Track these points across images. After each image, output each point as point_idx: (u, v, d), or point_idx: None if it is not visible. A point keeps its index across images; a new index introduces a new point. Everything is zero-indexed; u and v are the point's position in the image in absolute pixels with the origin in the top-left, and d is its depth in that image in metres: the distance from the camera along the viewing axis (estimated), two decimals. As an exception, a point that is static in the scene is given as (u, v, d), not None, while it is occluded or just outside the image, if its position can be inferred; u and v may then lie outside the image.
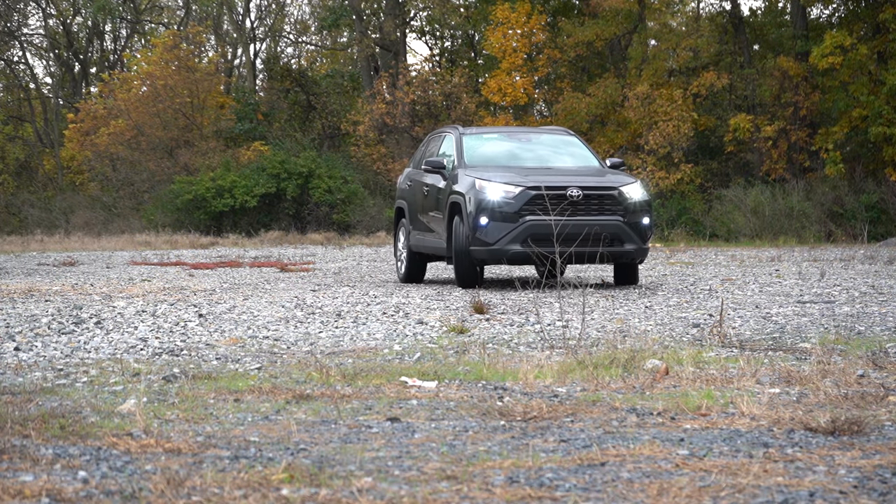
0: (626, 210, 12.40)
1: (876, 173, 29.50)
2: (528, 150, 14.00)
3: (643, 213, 12.61)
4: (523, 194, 12.30)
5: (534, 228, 12.23)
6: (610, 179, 12.65)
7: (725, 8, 34.82)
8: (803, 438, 4.33)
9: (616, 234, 12.33)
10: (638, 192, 12.65)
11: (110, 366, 6.30)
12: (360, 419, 4.73)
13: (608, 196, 12.44)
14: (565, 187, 12.37)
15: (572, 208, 12.24)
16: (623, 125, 32.08)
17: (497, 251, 12.32)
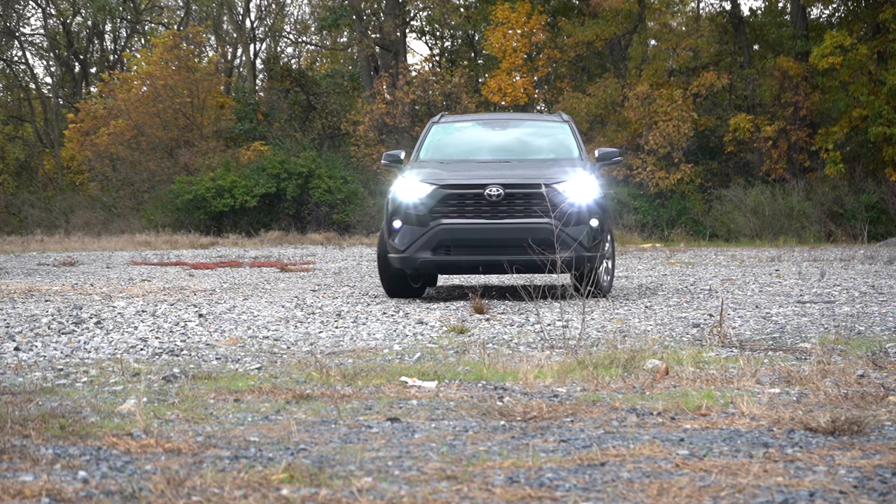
0: (560, 211, 10.63)
1: (876, 173, 29.51)
2: (500, 140, 12.57)
3: (589, 215, 10.84)
4: (436, 194, 10.79)
5: (445, 233, 10.73)
6: (550, 175, 10.95)
7: (725, 8, 34.82)
8: (803, 438, 4.33)
9: (546, 241, 10.50)
10: (582, 190, 10.87)
11: (110, 366, 6.30)
12: (360, 419, 4.72)
13: (535, 195, 10.70)
14: (484, 185, 10.76)
15: (492, 209, 10.73)
16: (623, 125, 32.08)
17: (407, 259, 10.82)
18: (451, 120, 12.89)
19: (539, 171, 11.14)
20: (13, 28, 46.30)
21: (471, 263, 10.81)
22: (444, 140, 12.38)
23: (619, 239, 25.87)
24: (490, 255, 10.72)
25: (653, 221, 29.55)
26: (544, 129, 12.74)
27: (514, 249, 10.66)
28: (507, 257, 10.67)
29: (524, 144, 12.40)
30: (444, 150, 12.20)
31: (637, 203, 29.93)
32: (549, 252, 10.34)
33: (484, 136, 12.64)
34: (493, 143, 12.40)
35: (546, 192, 10.62)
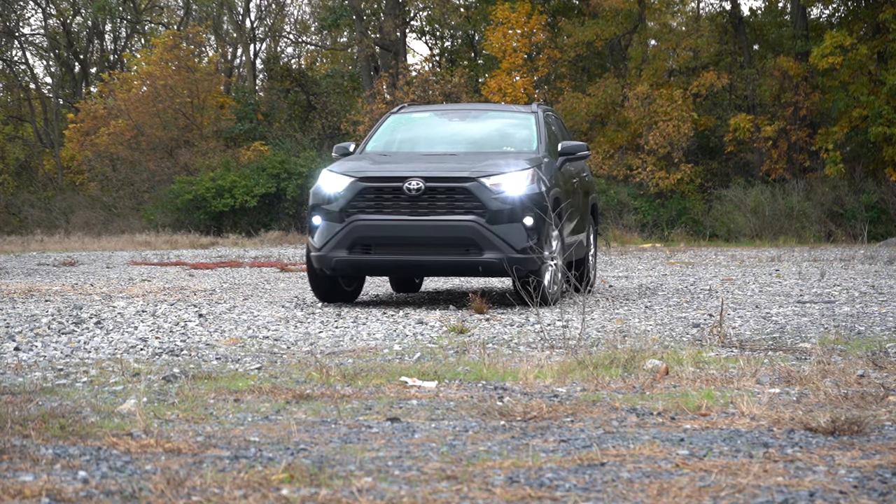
0: (486, 208, 9.81)
1: (876, 173, 29.51)
2: (455, 131, 11.63)
3: (522, 212, 9.90)
4: (353, 187, 10.04)
5: (361, 231, 9.98)
6: (482, 169, 10.04)
7: (725, 8, 34.82)
8: (803, 438, 4.33)
9: (470, 240, 9.82)
10: (518, 185, 9.98)
11: (110, 366, 6.30)
12: (360, 419, 4.73)
13: (460, 190, 9.87)
14: (404, 178, 9.94)
15: (412, 205, 9.93)
16: (623, 125, 32.07)
17: (323, 258, 10.10)
18: (410, 110, 12.09)
19: (472, 164, 10.24)
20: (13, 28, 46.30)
21: (391, 264, 10.16)
22: (397, 131, 11.60)
23: (618, 239, 25.86)
24: (411, 255, 10.01)
25: (653, 221, 29.55)
26: (508, 120, 11.82)
27: (436, 250, 9.98)
28: (430, 258, 10.00)
29: (481, 136, 11.50)
30: (394, 141, 11.44)
31: (637, 203, 29.93)
32: (474, 253, 9.83)
33: (440, 127, 11.81)
34: (447, 135, 11.56)
35: (472, 187, 9.86)
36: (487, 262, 9.82)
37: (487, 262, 9.82)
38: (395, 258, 10.04)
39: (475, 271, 9.97)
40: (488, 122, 11.85)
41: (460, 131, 11.63)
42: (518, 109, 12.00)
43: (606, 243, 23.98)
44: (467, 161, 10.36)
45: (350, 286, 10.88)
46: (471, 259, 9.85)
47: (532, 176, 10.12)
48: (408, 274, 10.72)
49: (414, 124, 11.78)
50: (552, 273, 10.34)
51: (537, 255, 9.89)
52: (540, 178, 10.22)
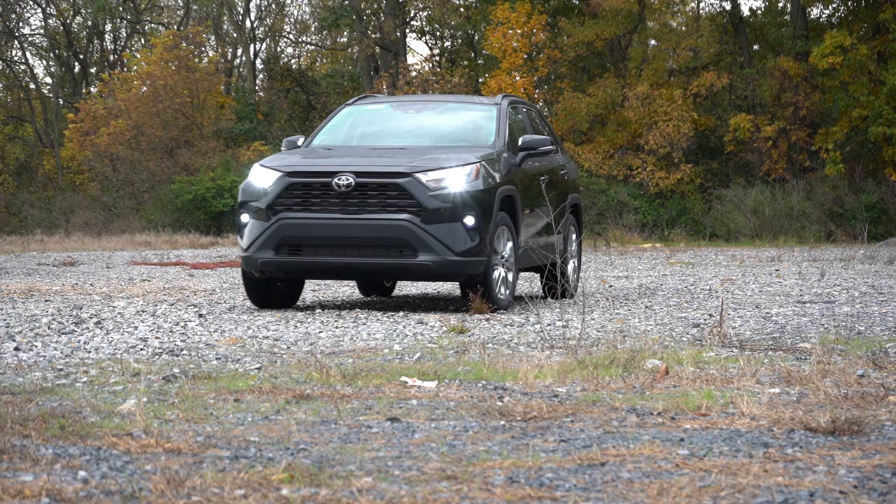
0: (422, 206, 9.16)
1: (876, 173, 29.51)
2: (410, 124, 10.92)
3: (463, 211, 9.23)
4: (281, 182, 9.44)
5: (288, 230, 9.38)
6: (421, 164, 9.37)
7: (725, 8, 34.83)
8: (803, 438, 4.33)
9: (403, 241, 9.20)
10: (456, 181, 9.30)
11: (110, 366, 6.30)
12: (360, 419, 4.73)
13: (392, 186, 9.24)
14: (333, 173, 9.34)
15: (342, 202, 9.29)
16: (623, 125, 32.08)
17: (249, 259, 9.52)
18: (366, 102, 11.27)
19: (411, 158, 9.53)
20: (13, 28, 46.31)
21: (320, 266, 9.50)
22: (347, 124, 10.88)
23: (618, 239, 25.86)
24: (340, 256, 9.35)
25: (653, 221, 29.54)
26: (468, 112, 11.05)
27: (368, 251, 9.32)
28: (361, 260, 9.34)
29: (437, 130, 10.73)
30: (342, 134, 10.73)
31: (637, 203, 29.92)
32: (408, 255, 9.21)
33: (395, 120, 11.04)
34: (400, 128, 10.79)
35: (405, 183, 9.21)
36: (421, 265, 9.19)
37: (421, 265, 9.19)
38: (323, 260, 9.39)
39: (409, 275, 9.55)
40: (447, 114, 11.16)
41: (416, 124, 10.91)
42: (481, 101, 11.15)
43: (606, 243, 23.98)
44: (408, 155, 9.65)
45: (288, 290, 10.17)
46: (404, 262, 9.24)
47: (476, 171, 9.42)
48: (338, 278, 10.02)
49: (368, 116, 11.01)
50: (502, 278, 9.74)
51: (480, 257, 9.29)
52: (488, 173, 9.52)
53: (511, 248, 9.88)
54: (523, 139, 10.50)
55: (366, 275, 9.87)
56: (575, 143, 32.17)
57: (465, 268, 9.30)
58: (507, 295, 9.85)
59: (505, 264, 9.80)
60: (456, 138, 10.53)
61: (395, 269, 9.49)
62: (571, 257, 11.70)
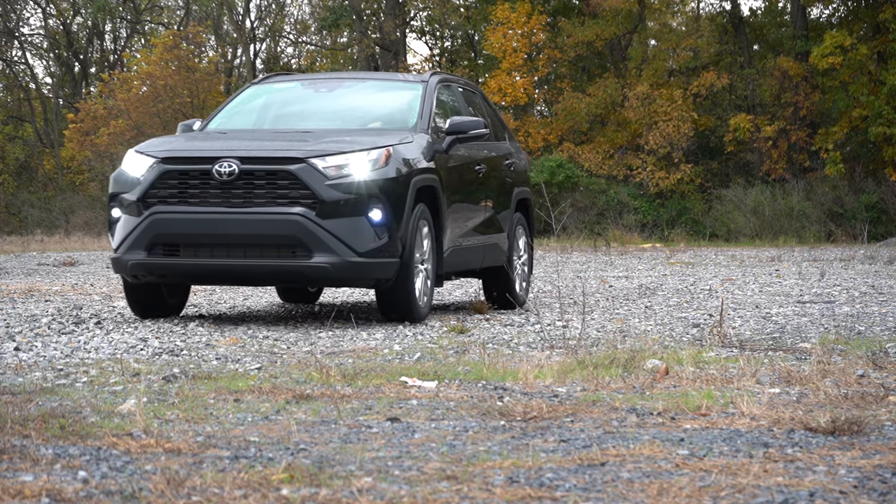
0: (318, 197, 7.88)
1: (876, 173, 29.52)
2: (321, 105, 9.66)
3: (368, 203, 8.00)
4: (155, 170, 8.15)
5: (161, 226, 8.10)
6: (320, 147, 8.11)
7: (725, 8, 34.83)
8: (803, 438, 4.33)
9: (296, 239, 7.92)
10: (360, 167, 8.03)
11: (110, 366, 6.30)
12: (360, 419, 4.73)
13: (283, 174, 7.96)
14: (214, 160, 8.03)
15: (225, 193, 8.01)
16: (623, 125, 32.09)
17: (119, 261, 8.26)
18: (274, 80, 9.99)
19: (309, 141, 8.27)
20: (13, 28, 46.32)
21: (199, 270, 8.25)
22: (251, 105, 9.62)
23: (619, 239, 25.84)
24: (223, 258, 8.08)
25: (653, 221, 29.55)
26: (389, 92, 9.82)
27: (255, 252, 8.06)
28: (246, 262, 8.06)
29: (351, 111, 9.44)
30: (244, 116, 9.48)
31: (637, 203, 29.93)
32: (302, 256, 7.95)
33: (305, 100, 9.78)
34: (310, 110, 9.55)
35: (298, 171, 7.92)
36: (317, 267, 7.91)
37: (317, 267, 7.91)
38: (203, 262, 8.10)
39: (304, 279, 8.34)
40: (364, 93, 9.86)
41: (329, 105, 9.60)
42: (406, 79, 9.82)
43: (606, 243, 23.98)
44: (308, 139, 8.37)
45: (173, 297, 8.91)
46: (297, 264, 7.95)
47: (385, 156, 8.13)
48: (222, 283, 8.73)
49: (274, 96, 9.74)
50: (421, 282, 8.51)
51: (390, 259, 8.11)
52: (400, 159, 8.24)
53: (431, 248, 8.63)
54: (451, 121, 9.15)
55: (253, 280, 8.47)
56: (575, 143, 32.18)
57: (371, 271, 8.05)
58: (427, 304, 8.62)
59: (424, 266, 8.56)
60: (373, 120, 9.26)
61: (287, 273, 8.14)
62: (519, 260, 10.41)
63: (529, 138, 32.13)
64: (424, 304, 8.56)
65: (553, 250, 21.27)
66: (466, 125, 9.13)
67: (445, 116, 9.41)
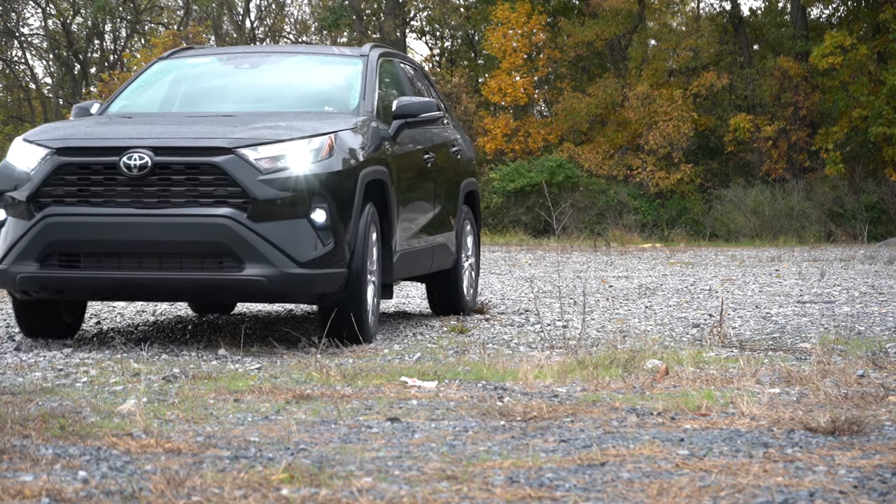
0: (250, 195, 6.59)
1: (876, 173, 29.53)
2: (244, 84, 8.31)
3: (310, 202, 6.72)
4: (48, 163, 6.79)
5: (57, 231, 6.74)
6: (251, 135, 6.78)
7: (725, 8, 34.83)
8: (803, 438, 4.33)
9: (223, 246, 6.61)
10: (300, 159, 6.74)
11: (110, 366, 6.30)
12: (360, 419, 4.73)
13: (207, 167, 6.64)
14: (122, 150, 6.68)
15: (135, 191, 6.67)
16: (623, 125, 32.09)
17: (5, 274, 6.85)
18: (185, 55, 8.54)
19: (236, 127, 6.95)
20: (13, 28, 46.33)
21: (106, 284, 6.89)
22: (159, 83, 8.24)
23: (618, 239, 25.80)
24: (135, 270, 6.74)
25: (653, 221, 29.54)
26: (324, 67, 8.51)
27: (174, 262, 6.72)
28: (163, 275, 6.74)
29: (279, 90, 8.16)
30: (151, 97, 8.13)
31: (637, 203, 29.92)
32: (231, 268, 6.64)
33: (224, 78, 8.46)
34: (230, 89, 8.21)
35: (225, 163, 6.61)
36: (249, 281, 6.61)
37: (249, 281, 6.61)
38: (109, 275, 6.78)
39: (234, 295, 7.28)
40: (296, 70, 8.54)
41: (253, 83, 8.32)
42: (342, 53, 8.64)
43: (606, 243, 23.98)
44: (234, 124, 7.05)
45: (70, 315, 7.58)
46: (225, 277, 6.65)
47: (329, 146, 6.87)
48: (131, 299, 7.65)
49: (186, 73, 8.37)
50: (371, 295, 7.28)
51: (336, 269, 6.84)
52: (347, 149, 6.99)
53: (378, 255, 7.40)
54: (399, 103, 7.89)
55: (171, 295, 7.29)
56: (575, 143, 32.19)
57: (314, 284, 6.78)
58: (375, 321, 7.44)
59: (372, 277, 7.34)
60: (305, 101, 7.95)
61: (212, 288, 6.86)
62: (467, 261, 9.32)
63: (529, 138, 32.14)
64: (373, 321, 7.34)
65: (553, 250, 21.28)
66: (417, 107, 7.88)
67: (388, 97, 8.16)
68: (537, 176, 28.67)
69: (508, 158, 31.21)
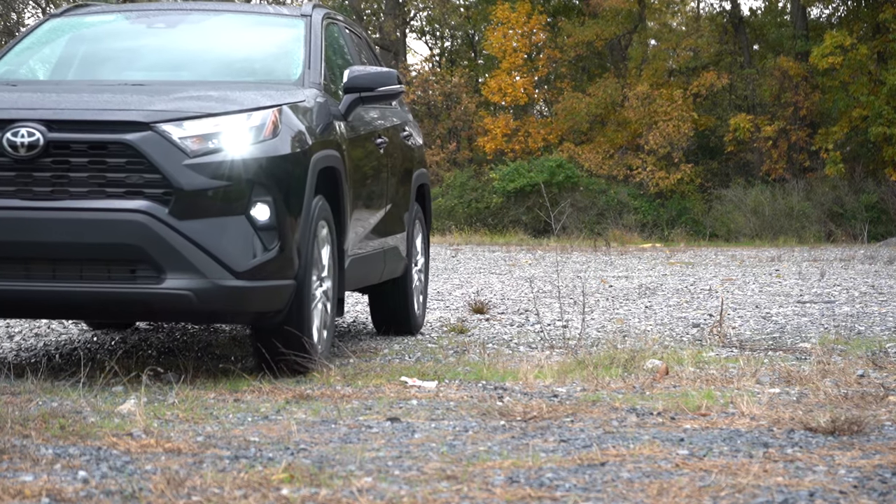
0: (172, 184, 5.21)
1: (876, 173, 29.53)
2: (159, 47, 6.75)
3: (250, 194, 5.34)
4: None
5: None
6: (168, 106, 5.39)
7: (725, 8, 34.84)
8: (803, 438, 4.33)
9: (137, 250, 5.22)
10: (236, 139, 5.36)
11: (110, 366, 6.30)
12: (360, 419, 4.73)
13: (116, 146, 5.22)
14: (6, 122, 5.24)
15: (23, 176, 5.24)
16: (623, 125, 32.10)
17: None
18: (84, 12, 6.96)
19: (154, 98, 5.53)
20: (13, 28, 46.34)
21: None
22: (51, 46, 6.73)
23: (618, 239, 25.79)
24: (21, 280, 5.31)
25: (653, 221, 29.54)
26: (257, 28, 6.97)
27: (73, 270, 5.28)
28: (57, 287, 5.29)
29: (202, 55, 6.66)
30: (42, 62, 6.66)
31: (637, 203, 29.93)
32: (147, 279, 5.24)
33: (130, 39, 6.82)
34: (142, 53, 6.68)
35: (140, 142, 5.20)
36: (172, 295, 5.23)
37: (172, 295, 5.23)
38: None
39: (150, 314, 5.83)
40: (219, 32, 6.94)
41: (165, 47, 6.78)
42: (279, 12, 7.10)
43: (606, 243, 23.98)
44: (150, 94, 5.64)
45: None
46: (139, 290, 5.24)
47: (273, 123, 5.50)
48: (16, 316, 6.24)
49: (85, 34, 6.84)
50: (321, 312, 5.95)
51: (282, 280, 5.46)
52: (293, 128, 5.63)
53: (331, 262, 6.04)
54: (352, 73, 6.39)
55: (69, 311, 5.76)
56: (575, 143, 32.20)
57: (254, 300, 5.41)
58: (327, 340, 6.10)
59: (326, 289, 6.00)
60: (233, 70, 6.53)
61: (121, 304, 5.35)
62: (416, 266, 8.00)
63: (529, 138, 32.15)
64: (325, 344, 6.04)
65: (553, 250, 21.28)
66: (374, 78, 6.39)
67: (335, 67, 6.74)
68: (537, 176, 28.67)
69: (508, 158, 31.22)
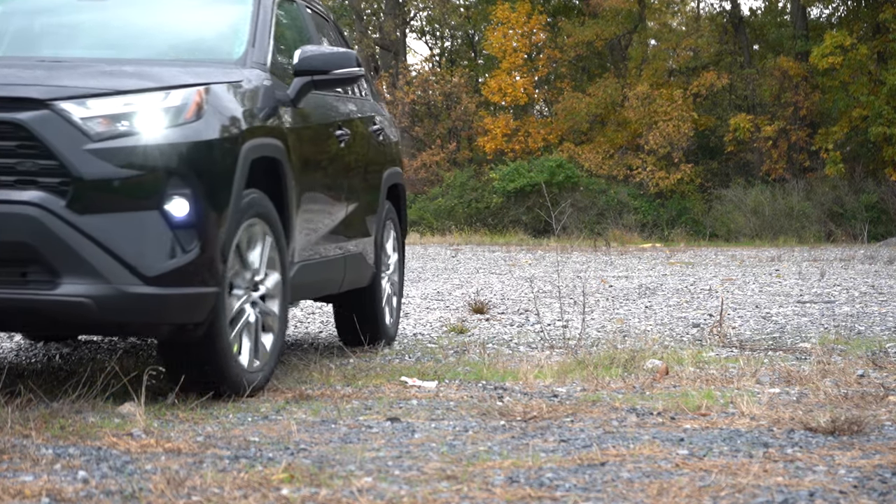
0: (72, 172, 4.42)
1: (876, 173, 29.54)
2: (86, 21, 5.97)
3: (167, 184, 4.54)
4: None
5: None
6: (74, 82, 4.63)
7: (725, 8, 34.84)
8: (803, 438, 4.33)
9: (28, 249, 4.42)
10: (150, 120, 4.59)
11: (111, 366, 6.30)
12: (360, 419, 4.73)
13: (5, 127, 4.43)
14: None
15: None
16: (623, 125, 32.10)
17: None
18: None
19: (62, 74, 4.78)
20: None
21: None
22: None
23: (618, 239, 25.79)
24: None
25: (653, 221, 29.55)
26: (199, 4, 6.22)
27: None
28: None
29: (132, 33, 5.89)
30: None
31: (637, 203, 29.93)
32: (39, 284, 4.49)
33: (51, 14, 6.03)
34: (61, 29, 5.95)
35: (34, 122, 4.43)
36: (67, 303, 4.49)
37: (67, 303, 4.49)
38: None
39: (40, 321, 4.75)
40: (158, 8, 6.09)
41: (93, 24, 5.99)
42: None
43: (606, 243, 23.98)
44: (50, 69, 4.90)
45: None
46: (30, 296, 4.49)
47: (197, 104, 4.73)
48: None
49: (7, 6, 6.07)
50: (252, 328, 5.18)
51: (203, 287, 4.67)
52: (222, 110, 4.85)
53: (274, 265, 5.29)
54: (303, 53, 5.73)
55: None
56: (575, 143, 32.21)
57: (169, 311, 4.64)
58: (264, 364, 5.27)
59: (261, 299, 5.24)
60: (172, 49, 5.77)
61: (9, 313, 4.60)
62: (387, 271, 7.29)
63: (529, 138, 32.15)
64: (258, 366, 5.20)
65: (553, 250, 21.28)
66: (328, 59, 5.77)
67: (288, 48, 6.01)
68: (537, 176, 28.66)
69: (508, 158, 31.22)
